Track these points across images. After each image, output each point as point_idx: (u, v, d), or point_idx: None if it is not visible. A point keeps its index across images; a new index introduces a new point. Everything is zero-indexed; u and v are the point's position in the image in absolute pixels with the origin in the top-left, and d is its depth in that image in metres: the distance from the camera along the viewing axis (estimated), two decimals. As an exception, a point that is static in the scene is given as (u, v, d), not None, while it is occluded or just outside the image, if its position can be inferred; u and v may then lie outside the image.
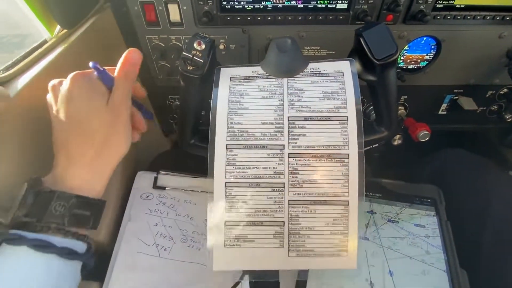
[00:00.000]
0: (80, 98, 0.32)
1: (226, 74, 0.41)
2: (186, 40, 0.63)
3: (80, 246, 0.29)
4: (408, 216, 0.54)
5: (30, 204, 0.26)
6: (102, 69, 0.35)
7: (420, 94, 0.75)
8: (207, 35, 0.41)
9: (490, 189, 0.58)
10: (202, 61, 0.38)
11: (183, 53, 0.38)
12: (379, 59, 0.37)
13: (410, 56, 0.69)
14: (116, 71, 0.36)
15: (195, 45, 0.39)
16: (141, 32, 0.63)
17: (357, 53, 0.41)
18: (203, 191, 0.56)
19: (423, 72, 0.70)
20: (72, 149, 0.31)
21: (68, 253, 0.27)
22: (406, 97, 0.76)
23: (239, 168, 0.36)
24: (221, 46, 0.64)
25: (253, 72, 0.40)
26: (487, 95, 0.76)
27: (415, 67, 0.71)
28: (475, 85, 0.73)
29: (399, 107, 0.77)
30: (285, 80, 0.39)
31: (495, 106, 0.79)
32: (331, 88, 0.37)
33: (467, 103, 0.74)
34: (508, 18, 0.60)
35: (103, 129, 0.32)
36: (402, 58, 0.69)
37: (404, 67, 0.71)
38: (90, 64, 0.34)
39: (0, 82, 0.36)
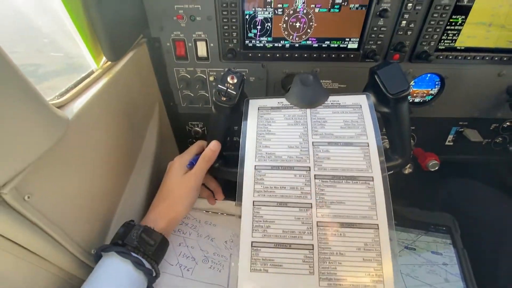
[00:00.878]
0: (173, 175, 0.49)
1: (254, 104, 0.45)
2: (212, 74, 0.70)
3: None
4: (424, 243, 0.54)
5: (121, 232, 0.41)
6: (194, 162, 0.50)
7: (427, 126, 0.79)
8: (238, 70, 0.46)
9: (504, 220, 0.59)
10: (234, 93, 0.43)
11: (219, 85, 0.43)
12: (393, 94, 0.42)
13: (416, 91, 0.74)
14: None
15: (228, 79, 0.44)
16: (170, 64, 0.70)
17: (372, 88, 0.46)
18: (223, 213, 0.57)
19: (429, 105, 0.75)
20: (155, 202, 0.49)
21: (145, 271, 0.39)
22: (413, 128, 0.80)
23: (267, 187, 0.39)
24: (242, 79, 0.70)
25: (278, 103, 0.45)
26: (491, 128, 0.80)
27: (421, 101, 0.76)
28: (479, 118, 0.77)
29: (408, 137, 0.81)
30: (308, 110, 0.43)
31: (500, 139, 0.82)
32: (351, 118, 0.41)
33: (473, 135, 0.77)
34: (505, 59, 0.66)
35: (176, 191, 0.47)
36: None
37: (411, 101, 0.76)
38: (188, 166, 0.50)
39: (57, 107, 0.41)
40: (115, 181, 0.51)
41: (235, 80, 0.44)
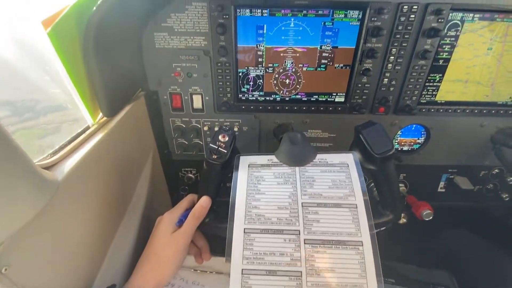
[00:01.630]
0: (161, 233, 0.47)
1: (245, 161, 0.46)
2: (207, 124, 0.72)
3: None
4: (424, 304, 0.51)
5: None
6: (183, 218, 0.48)
7: (418, 173, 0.80)
8: (230, 128, 0.48)
9: (500, 273, 0.57)
10: (225, 151, 0.44)
11: (210, 144, 0.45)
12: (378, 153, 0.43)
13: (404, 140, 0.77)
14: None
15: (220, 137, 0.46)
16: (166, 115, 0.72)
17: (357, 145, 0.48)
18: (212, 271, 0.55)
19: (417, 153, 0.77)
20: (141, 262, 0.46)
21: None
22: (405, 175, 0.81)
23: (256, 253, 0.38)
24: (235, 129, 0.73)
25: (268, 160, 0.46)
26: (481, 175, 0.81)
27: (410, 149, 0.78)
28: (468, 165, 0.79)
29: (400, 185, 0.81)
30: (297, 168, 0.44)
31: (491, 185, 0.83)
32: (339, 177, 0.42)
33: (463, 183, 0.78)
34: (485, 111, 0.70)
35: (164, 252, 0.45)
36: (397, 141, 0.77)
37: (400, 149, 0.78)
38: (177, 223, 0.47)
39: (47, 167, 0.41)
40: (101, 241, 0.50)
41: (226, 139, 0.45)
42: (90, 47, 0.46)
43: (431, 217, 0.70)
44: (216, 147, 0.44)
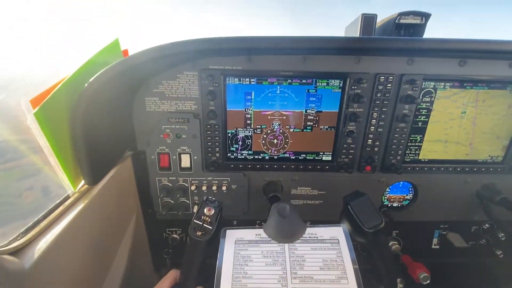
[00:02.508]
0: None
1: (231, 236, 0.44)
2: (194, 182, 0.71)
3: None
4: None
5: None
6: None
7: (410, 230, 0.79)
8: (215, 199, 0.47)
9: None
10: (210, 227, 0.42)
11: (194, 221, 0.43)
12: (368, 227, 0.43)
13: (393, 196, 0.77)
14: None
15: (205, 210, 0.44)
16: (152, 175, 0.71)
17: (347, 217, 0.47)
18: None
19: (408, 210, 0.77)
20: None
21: None
22: (397, 231, 0.79)
23: None
24: (223, 188, 0.71)
25: (256, 235, 0.44)
26: (472, 230, 0.80)
27: (399, 205, 0.78)
28: (459, 221, 0.79)
29: (393, 242, 0.79)
30: (286, 246, 0.43)
31: (484, 240, 0.82)
32: (330, 256, 0.40)
33: (457, 240, 0.77)
34: (467, 169, 0.71)
35: None
36: (386, 197, 0.77)
37: (389, 205, 0.78)
38: None
39: (14, 251, 0.38)
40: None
41: (212, 212, 0.44)
42: (78, 121, 0.46)
43: (428, 281, 0.67)
44: (201, 223, 0.42)
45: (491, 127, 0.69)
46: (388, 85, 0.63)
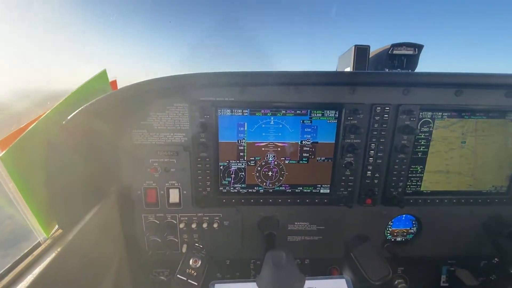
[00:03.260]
0: None
1: (220, 293, 0.39)
2: (184, 219, 0.65)
3: None
4: None
5: None
6: None
7: (416, 266, 0.73)
8: (203, 247, 0.42)
9: None
10: (195, 284, 0.37)
11: (178, 276, 0.38)
12: (375, 280, 0.38)
13: (396, 230, 0.72)
14: None
15: (191, 262, 0.39)
16: (139, 212, 0.66)
17: (350, 266, 0.42)
18: None
19: (412, 244, 0.72)
20: None
21: None
22: (403, 268, 0.74)
23: None
24: (215, 225, 0.66)
25: (248, 290, 0.39)
26: (481, 265, 0.75)
27: (403, 240, 0.73)
28: (467, 255, 0.74)
29: (399, 280, 0.73)
30: None
31: (494, 276, 0.76)
32: (332, 317, 0.35)
33: (466, 277, 0.71)
34: (471, 200, 0.68)
35: None
36: (389, 231, 0.72)
37: (393, 240, 0.73)
38: None
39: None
40: None
41: (199, 263, 0.39)
42: (55, 157, 0.42)
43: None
44: (186, 279, 0.37)
45: (492, 157, 0.66)
46: (385, 115, 0.61)
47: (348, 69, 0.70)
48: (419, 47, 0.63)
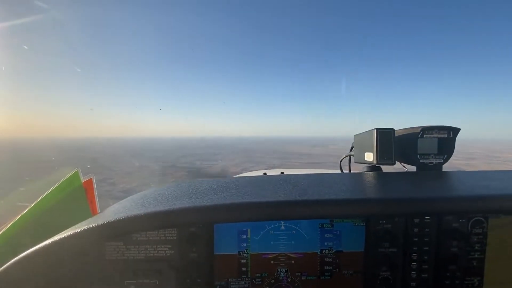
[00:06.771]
0: None
1: None
2: None
3: None
4: None
5: None
6: None
7: None
8: None
9: None
10: None
11: None
12: None
13: None
14: None
15: None
16: None
17: None
18: None
19: None
20: None
21: None
22: None
23: None
24: None
25: None
26: None
27: None
28: None
29: None
30: None
31: None
32: None
33: None
34: None
35: None
36: None
37: None
38: None
39: None
40: None
41: None
42: None
43: None
44: None
45: None
46: (426, 217, 0.48)
47: (369, 154, 0.59)
48: (454, 130, 0.54)
